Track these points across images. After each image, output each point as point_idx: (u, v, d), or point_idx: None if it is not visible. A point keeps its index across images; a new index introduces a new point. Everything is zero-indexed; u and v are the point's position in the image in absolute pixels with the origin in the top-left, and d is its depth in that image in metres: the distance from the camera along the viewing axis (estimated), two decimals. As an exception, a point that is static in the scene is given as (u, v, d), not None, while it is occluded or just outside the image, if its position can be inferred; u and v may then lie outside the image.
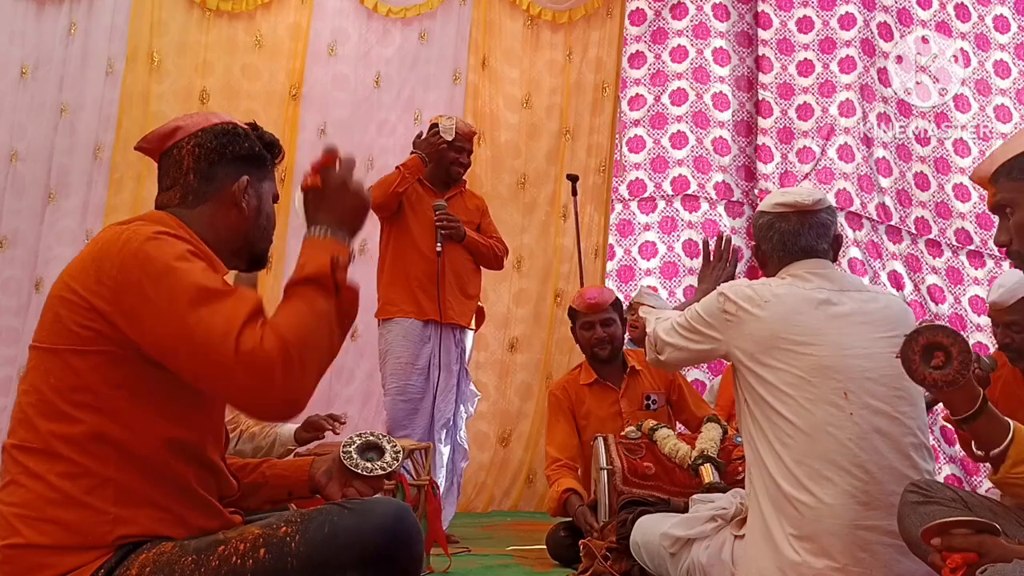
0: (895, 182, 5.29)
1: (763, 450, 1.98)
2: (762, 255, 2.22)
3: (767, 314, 2.01)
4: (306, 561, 1.28)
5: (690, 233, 5.29)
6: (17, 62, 4.81)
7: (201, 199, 1.50)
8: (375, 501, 1.40)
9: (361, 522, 1.31)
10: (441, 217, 3.67)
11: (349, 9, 5.31)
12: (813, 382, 1.94)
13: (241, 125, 1.57)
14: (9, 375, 4.62)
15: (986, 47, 5.37)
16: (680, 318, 2.21)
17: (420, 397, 3.65)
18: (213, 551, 1.29)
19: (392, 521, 1.34)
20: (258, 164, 1.56)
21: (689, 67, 5.45)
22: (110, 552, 1.30)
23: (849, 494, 1.88)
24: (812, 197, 2.15)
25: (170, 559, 1.29)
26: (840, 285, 2.09)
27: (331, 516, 1.32)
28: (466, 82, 5.42)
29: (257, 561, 1.28)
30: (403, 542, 1.33)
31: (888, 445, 1.92)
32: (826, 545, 1.87)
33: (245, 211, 1.52)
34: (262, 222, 1.55)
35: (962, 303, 5.12)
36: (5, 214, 4.74)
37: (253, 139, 1.55)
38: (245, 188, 1.52)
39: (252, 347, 1.23)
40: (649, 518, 2.36)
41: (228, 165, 1.52)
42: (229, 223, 1.51)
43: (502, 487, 5.15)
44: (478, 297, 3.92)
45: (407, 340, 3.65)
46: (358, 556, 1.29)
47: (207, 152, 1.51)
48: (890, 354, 1.99)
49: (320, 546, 1.29)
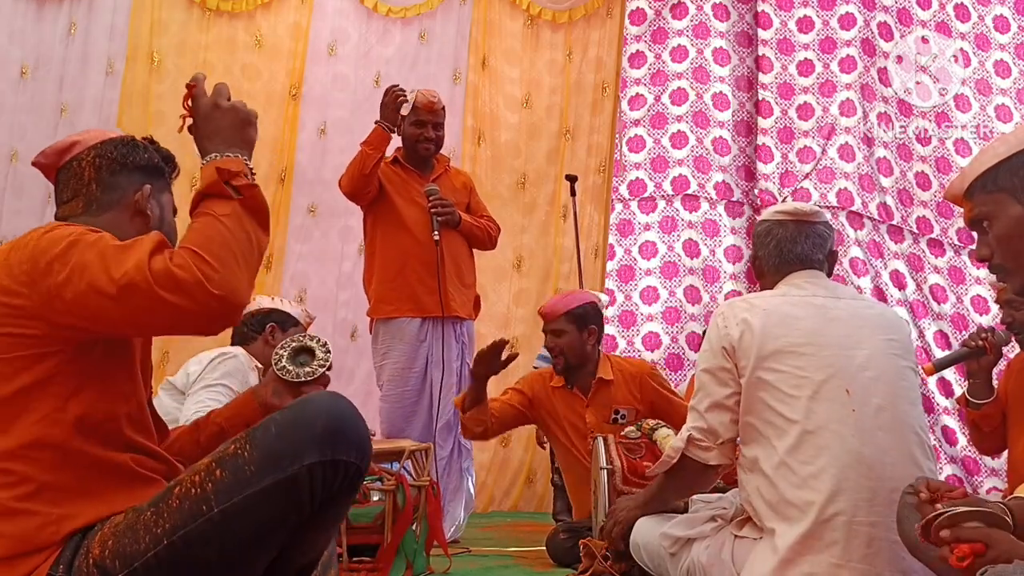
0: (896, 182, 5.29)
1: (762, 454, 1.97)
2: (759, 263, 2.23)
3: (766, 322, 2.01)
4: (263, 462, 1.29)
5: (690, 233, 5.28)
6: (17, 62, 4.81)
7: (104, 208, 1.52)
8: (308, 396, 1.45)
9: (301, 412, 1.35)
10: (435, 203, 3.49)
11: (349, 9, 5.31)
12: (816, 381, 1.94)
13: (139, 139, 1.61)
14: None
15: (986, 47, 5.37)
16: (696, 393, 2.11)
17: (416, 400, 3.55)
18: (170, 495, 1.30)
19: (328, 402, 1.38)
20: (158, 175, 1.59)
21: (689, 67, 5.44)
22: (60, 547, 1.29)
23: (853, 490, 1.88)
24: (811, 208, 2.21)
25: (129, 523, 1.29)
26: (835, 293, 2.12)
27: (272, 420, 1.35)
28: (466, 82, 5.42)
29: (216, 482, 1.29)
30: (346, 418, 1.36)
31: (891, 442, 1.93)
32: (829, 543, 1.87)
33: (150, 219, 1.54)
34: (165, 230, 1.56)
35: (964, 303, 5.11)
36: (5, 214, 4.74)
37: (152, 151, 1.60)
38: (148, 196, 1.55)
39: (163, 266, 1.26)
40: (649, 518, 2.35)
41: (130, 174, 1.55)
42: (134, 231, 1.50)
43: (502, 487, 5.15)
44: (475, 286, 3.79)
45: (404, 343, 3.54)
46: (308, 439, 1.31)
47: (108, 162, 1.54)
48: (889, 355, 2.02)
49: (271, 444, 1.31)
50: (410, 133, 3.63)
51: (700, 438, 2.07)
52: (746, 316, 2.03)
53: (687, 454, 2.09)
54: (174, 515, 1.28)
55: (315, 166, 5.14)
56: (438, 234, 3.48)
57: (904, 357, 2.06)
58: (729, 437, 2.06)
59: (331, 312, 5.09)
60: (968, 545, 1.32)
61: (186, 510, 1.28)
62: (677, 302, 5.17)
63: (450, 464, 3.61)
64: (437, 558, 2.90)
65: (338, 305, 5.11)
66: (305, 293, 5.05)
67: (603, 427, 3.13)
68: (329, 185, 5.09)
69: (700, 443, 2.07)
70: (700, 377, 2.10)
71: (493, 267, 5.23)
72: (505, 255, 5.31)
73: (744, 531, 2.06)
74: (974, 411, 2.67)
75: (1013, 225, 1.46)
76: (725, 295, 5.15)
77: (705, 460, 2.07)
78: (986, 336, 2.57)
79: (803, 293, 2.09)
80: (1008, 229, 1.46)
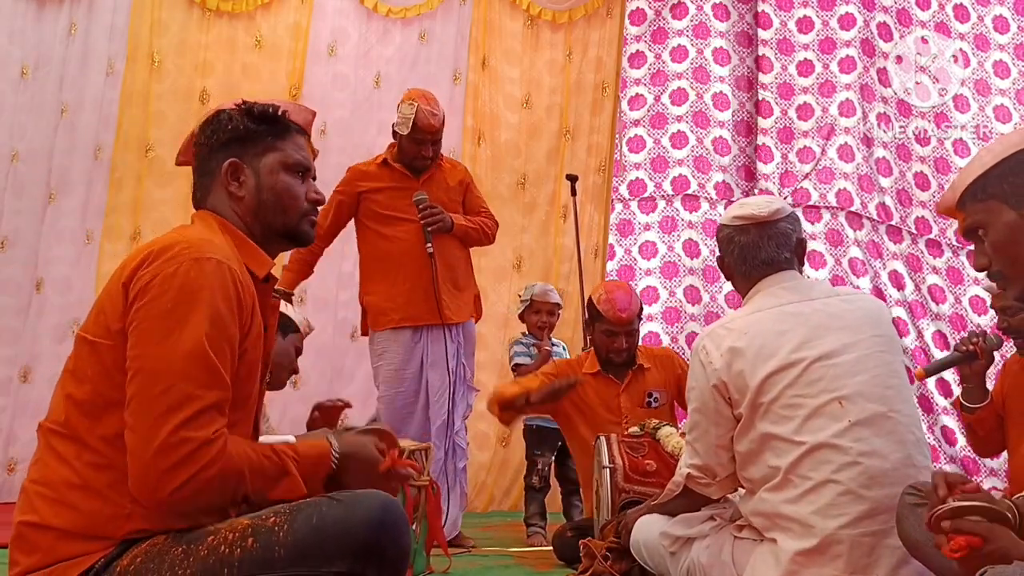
0: (895, 182, 5.30)
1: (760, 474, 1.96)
2: (726, 268, 2.20)
3: (751, 344, 1.98)
4: (293, 551, 1.28)
5: (690, 233, 5.29)
6: (17, 62, 4.82)
7: (207, 192, 1.53)
8: (363, 493, 1.39)
9: (348, 514, 1.31)
10: (425, 214, 3.40)
11: (349, 9, 5.31)
12: (810, 399, 1.92)
13: (226, 108, 1.56)
14: (9, 375, 4.62)
15: (985, 47, 5.38)
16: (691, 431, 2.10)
17: (412, 401, 3.53)
18: (203, 541, 1.30)
19: (379, 513, 1.33)
20: (249, 141, 1.53)
21: (689, 67, 5.45)
22: (115, 545, 1.31)
23: (853, 503, 1.86)
24: (769, 208, 2.13)
25: (161, 550, 1.30)
26: (808, 294, 2.07)
27: (319, 507, 1.32)
28: (466, 82, 5.42)
29: (245, 550, 1.28)
30: (390, 534, 1.33)
31: (889, 448, 1.91)
32: (833, 556, 1.86)
33: (239, 193, 1.51)
34: (267, 197, 1.52)
35: (962, 303, 5.12)
36: (5, 214, 4.74)
37: (236, 118, 1.53)
38: (228, 171, 1.51)
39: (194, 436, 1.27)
40: (650, 516, 2.35)
41: (217, 153, 1.52)
42: (234, 209, 1.51)
43: (502, 487, 5.15)
44: (472, 286, 3.72)
45: (398, 344, 3.51)
46: (345, 547, 1.29)
47: (200, 147, 1.54)
48: (877, 352, 1.99)
49: (307, 536, 1.29)
50: (408, 148, 3.53)
51: (699, 476, 2.08)
52: (730, 344, 1.99)
53: (689, 487, 2.12)
54: (196, 565, 1.28)
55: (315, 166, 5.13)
56: (431, 246, 3.41)
57: (891, 351, 2.03)
58: (728, 473, 2.05)
59: (331, 312, 5.08)
60: (964, 537, 1.33)
61: (209, 566, 1.28)
62: (677, 302, 5.18)
63: (445, 465, 3.57)
64: (437, 558, 2.90)
65: (338, 305, 5.11)
66: (305, 293, 5.04)
67: (636, 411, 3.19)
68: (329, 185, 5.08)
69: (699, 480, 2.09)
70: (693, 416, 2.09)
71: (493, 267, 5.23)
72: (505, 255, 5.31)
73: (744, 533, 2.06)
74: (968, 415, 2.67)
75: (1007, 231, 1.46)
76: (725, 295, 5.16)
77: (707, 495, 2.11)
78: (977, 341, 2.57)
79: (777, 302, 2.05)
80: (1003, 236, 1.46)
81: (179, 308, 1.30)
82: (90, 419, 1.33)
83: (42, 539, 1.30)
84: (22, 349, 4.65)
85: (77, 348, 1.38)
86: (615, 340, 3.21)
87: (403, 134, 3.48)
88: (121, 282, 1.35)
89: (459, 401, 3.59)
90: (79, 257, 4.77)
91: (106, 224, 4.81)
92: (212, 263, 1.35)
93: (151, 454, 1.25)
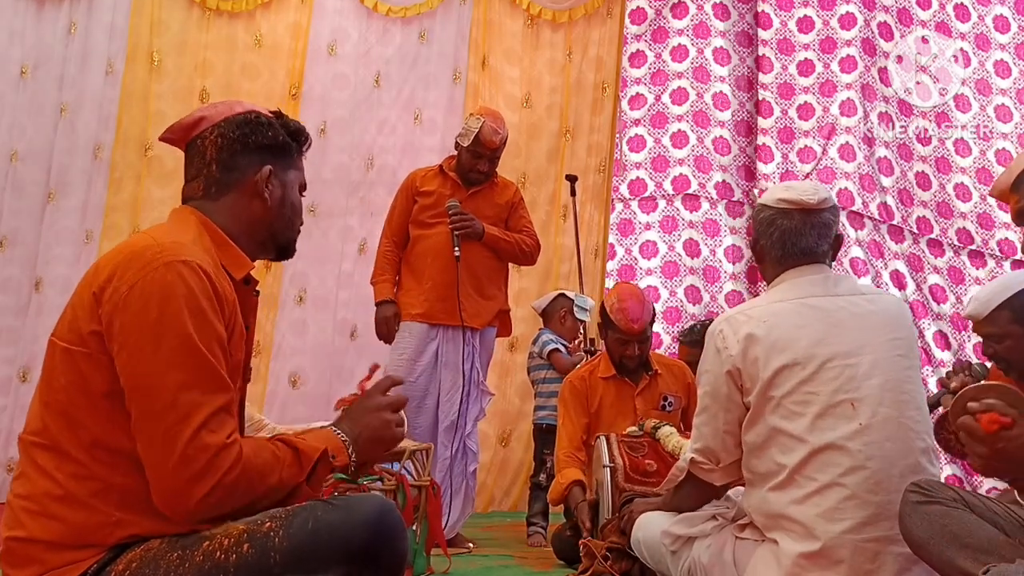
0: (896, 181, 5.29)
1: (766, 469, 1.95)
2: (760, 250, 2.14)
3: (769, 334, 1.95)
4: (289, 556, 1.27)
5: (691, 232, 5.29)
6: (17, 62, 4.81)
7: (224, 190, 1.50)
8: (360, 498, 1.39)
9: (345, 518, 1.31)
10: (454, 219, 3.53)
11: (349, 8, 5.30)
12: (822, 398, 1.90)
13: (265, 113, 1.55)
14: (9, 375, 4.61)
15: (986, 47, 5.37)
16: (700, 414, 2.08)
17: (423, 395, 3.57)
18: (198, 547, 1.29)
19: (376, 517, 1.33)
20: (283, 153, 1.54)
21: (689, 66, 5.44)
22: (104, 551, 1.30)
23: (858, 508, 1.85)
24: (817, 196, 2.06)
25: (156, 555, 1.29)
26: (834, 289, 2.03)
27: (315, 512, 1.31)
28: (466, 81, 5.41)
29: (240, 556, 1.27)
30: (386, 539, 1.33)
31: (897, 452, 1.89)
32: (835, 561, 1.84)
33: (268, 201, 1.51)
34: (286, 212, 1.54)
35: (963, 303, 5.11)
36: (5, 214, 4.74)
37: (277, 127, 1.54)
38: (268, 178, 1.51)
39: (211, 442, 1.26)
40: (651, 515, 2.34)
41: (251, 155, 1.51)
42: (253, 213, 1.50)
43: (502, 487, 5.14)
44: (500, 298, 3.77)
45: (413, 337, 3.57)
46: (341, 552, 1.29)
47: (229, 142, 1.50)
48: (894, 356, 1.96)
49: (303, 542, 1.28)
50: (465, 160, 3.65)
51: (703, 460, 2.06)
52: (748, 330, 1.96)
53: (692, 472, 2.10)
54: (192, 571, 1.27)
55: (315, 166, 5.12)
56: (459, 250, 3.52)
57: (908, 356, 1.99)
58: (732, 459, 2.04)
59: (331, 312, 5.08)
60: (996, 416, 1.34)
61: (205, 572, 1.27)
62: (677, 302, 5.17)
63: (453, 466, 3.59)
64: (437, 558, 2.90)
65: (338, 305, 5.10)
66: (305, 293, 5.04)
67: (651, 414, 3.27)
68: (329, 185, 5.10)
69: (703, 465, 2.07)
70: (703, 400, 2.06)
71: (493, 267, 5.22)
72: (505, 255, 5.30)
73: (746, 533, 2.05)
74: None
75: None
76: (725, 295, 5.16)
77: (709, 481, 2.08)
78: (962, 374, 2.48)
79: (801, 294, 2.01)
80: None
81: (164, 317, 1.29)
82: (67, 427, 1.31)
83: (32, 551, 1.29)
84: (22, 349, 4.64)
85: (50, 355, 1.36)
86: (627, 348, 3.31)
87: (464, 145, 3.62)
88: (91, 291, 1.33)
89: (471, 404, 3.63)
90: (79, 257, 4.76)
91: (106, 224, 4.80)
92: (189, 266, 1.33)
93: (172, 467, 1.24)
